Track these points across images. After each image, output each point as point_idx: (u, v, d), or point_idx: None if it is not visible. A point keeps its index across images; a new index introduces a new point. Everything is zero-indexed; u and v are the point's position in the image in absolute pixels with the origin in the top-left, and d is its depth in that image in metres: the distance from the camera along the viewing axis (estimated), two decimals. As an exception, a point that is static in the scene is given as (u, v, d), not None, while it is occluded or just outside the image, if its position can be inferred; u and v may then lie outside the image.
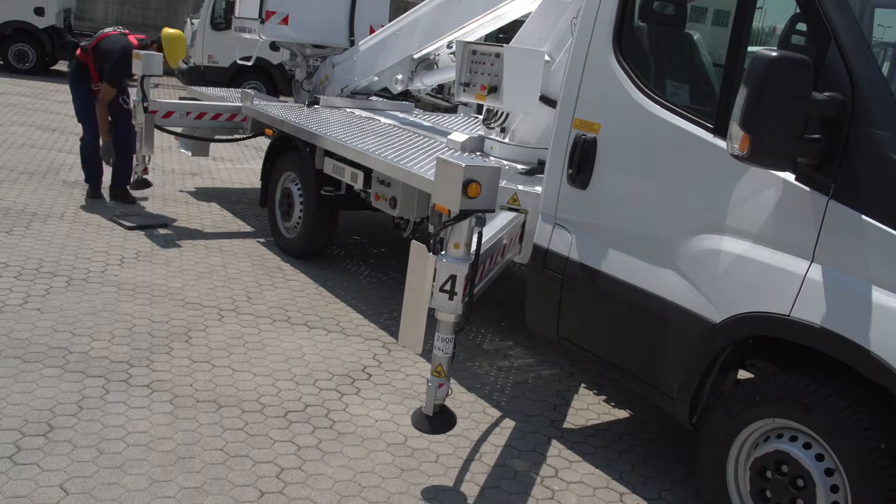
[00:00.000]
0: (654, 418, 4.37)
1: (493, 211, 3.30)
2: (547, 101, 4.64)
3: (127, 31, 7.26)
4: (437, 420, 3.48)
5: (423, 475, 3.52)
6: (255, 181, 8.55)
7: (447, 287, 3.19)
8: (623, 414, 4.43)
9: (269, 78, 15.15)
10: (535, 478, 3.62)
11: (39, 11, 15.99)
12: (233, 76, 14.25)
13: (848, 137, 2.73)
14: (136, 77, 6.68)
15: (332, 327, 5.05)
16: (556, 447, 3.92)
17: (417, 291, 3.24)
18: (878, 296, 2.66)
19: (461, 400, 4.23)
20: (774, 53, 2.61)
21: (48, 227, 6.28)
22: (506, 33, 7.91)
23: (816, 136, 2.74)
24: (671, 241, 3.35)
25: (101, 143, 7.13)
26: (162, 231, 6.63)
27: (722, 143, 2.98)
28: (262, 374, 4.26)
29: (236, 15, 8.09)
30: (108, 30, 7.23)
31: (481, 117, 5.46)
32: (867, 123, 2.70)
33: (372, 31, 7.72)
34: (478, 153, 5.18)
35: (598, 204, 3.70)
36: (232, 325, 4.87)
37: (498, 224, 3.99)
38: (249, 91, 7.61)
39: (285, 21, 7.64)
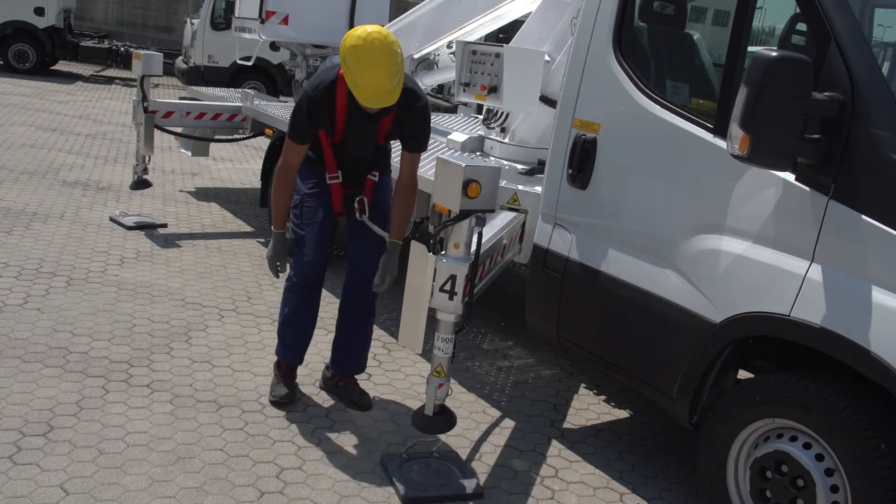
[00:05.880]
0: (654, 418, 4.37)
1: (493, 211, 3.30)
2: (547, 101, 4.64)
3: None
4: (437, 420, 3.48)
5: (423, 475, 3.51)
6: (255, 181, 8.56)
7: (447, 287, 3.18)
8: (623, 414, 4.43)
9: (269, 78, 15.17)
10: (535, 478, 3.62)
11: (39, 11, 16.02)
12: (233, 76, 14.26)
13: (848, 137, 2.73)
14: None
15: (332, 327, 5.02)
16: (556, 447, 3.92)
17: (417, 291, 3.23)
18: (878, 296, 2.66)
19: (461, 400, 4.23)
20: (774, 53, 2.62)
21: (48, 227, 6.28)
22: (506, 33, 7.91)
23: (816, 136, 2.74)
24: (671, 240, 3.35)
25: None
26: (162, 231, 6.63)
27: (722, 143, 2.98)
28: (262, 374, 4.25)
29: (236, 15, 8.10)
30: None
31: (481, 117, 5.46)
32: (867, 123, 2.70)
33: (372, 31, 7.70)
34: (478, 153, 5.17)
35: (598, 204, 3.70)
36: (232, 325, 4.87)
37: (498, 224, 3.99)
38: (249, 91, 7.62)
39: (285, 21, 7.64)
